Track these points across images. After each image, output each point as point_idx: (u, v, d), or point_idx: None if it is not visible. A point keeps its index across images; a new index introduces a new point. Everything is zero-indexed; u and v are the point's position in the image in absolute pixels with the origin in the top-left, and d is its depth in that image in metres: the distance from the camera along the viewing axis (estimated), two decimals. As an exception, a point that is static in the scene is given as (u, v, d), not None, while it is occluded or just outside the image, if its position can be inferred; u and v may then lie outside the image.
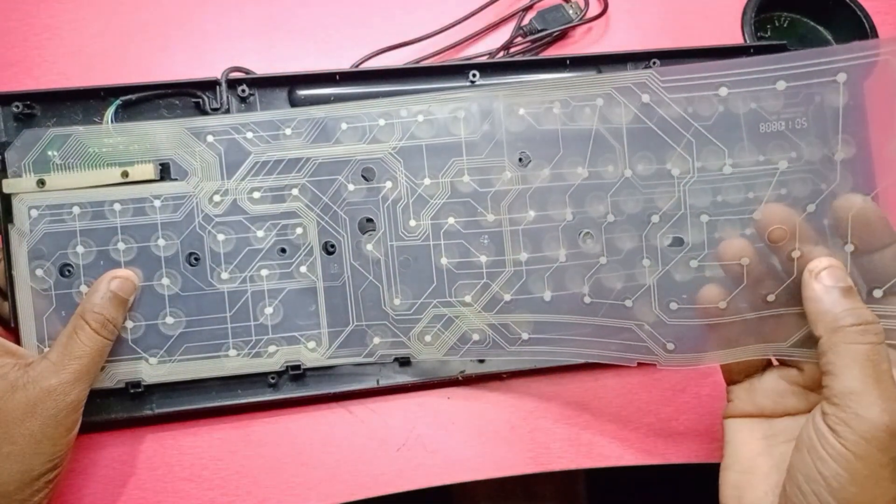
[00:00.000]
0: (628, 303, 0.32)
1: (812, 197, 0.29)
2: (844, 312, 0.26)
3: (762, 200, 0.30)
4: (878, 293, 0.28)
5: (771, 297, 0.29)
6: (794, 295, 0.29)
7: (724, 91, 0.29)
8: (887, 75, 0.27)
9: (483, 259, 0.34)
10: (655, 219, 0.31)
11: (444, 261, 0.34)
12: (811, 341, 0.29)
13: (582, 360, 0.34)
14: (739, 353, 0.30)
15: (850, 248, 0.28)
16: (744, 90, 0.29)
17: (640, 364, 0.37)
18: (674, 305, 0.31)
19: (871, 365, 0.25)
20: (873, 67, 0.27)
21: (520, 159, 0.34)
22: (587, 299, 0.33)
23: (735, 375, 0.32)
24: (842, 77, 0.28)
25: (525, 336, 0.34)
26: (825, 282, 0.27)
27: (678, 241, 0.31)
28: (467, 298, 0.34)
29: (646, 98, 0.31)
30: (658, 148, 0.31)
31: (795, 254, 0.29)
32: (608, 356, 0.33)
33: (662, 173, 0.31)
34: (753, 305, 0.30)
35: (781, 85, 0.28)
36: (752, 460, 0.30)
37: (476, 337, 0.34)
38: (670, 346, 0.32)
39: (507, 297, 0.34)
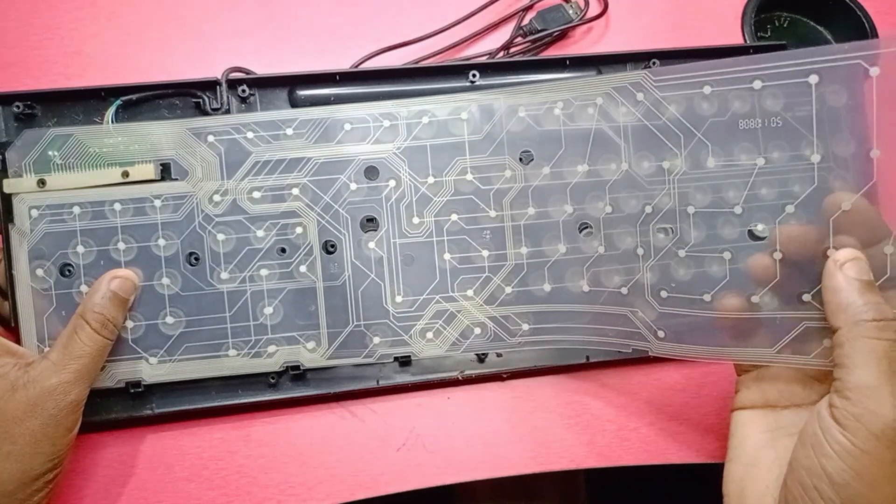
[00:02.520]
0: (624, 290, 0.33)
1: (790, 196, 0.29)
2: (866, 306, 0.26)
3: (743, 196, 0.30)
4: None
5: (755, 299, 0.30)
6: (779, 298, 0.29)
7: (707, 89, 0.30)
8: (868, 79, 0.27)
9: (485, 254, 0.35)
10: (648, 209, 0.32)
11: (446, 256, 0.35)
12: (801, 346, 0.29)
13: (580, 348, 0.35)
14: (724, 354, 0.30)
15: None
16: (725, 89, 0.30)
17: (638, 361, 0.38)
18: (664, 294, 0.32)
19: (888, 361, 0.25)
20: (847, 70, 0.27)
21: (521, 158, 0.35)
22: (586, 287, 0.34)
23: (744, 365, 0.32)
24: (814, 79, 0.28)
25: (526, 327, 0.35)
26: (849, 273, 0.26)
27: (668, 232, 0.32)
28: (469, 293, 0.35)
29: (640, 97, 0.32)
30: (653, 144, 0.32)
31: (777, 255, 0.29)
32: (605, 342, 0.33)
33: (656, 168, 0.32)
34: (738, 305, 0.30)
35: (758, 84, 0.29)
36: (756, 453, 0.29)
37: (478, 331, 0.35)
38: (661, 334, 0.32)
39: (509, 290, 0.35)
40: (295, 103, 0.37)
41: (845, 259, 0.27)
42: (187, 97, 0.36)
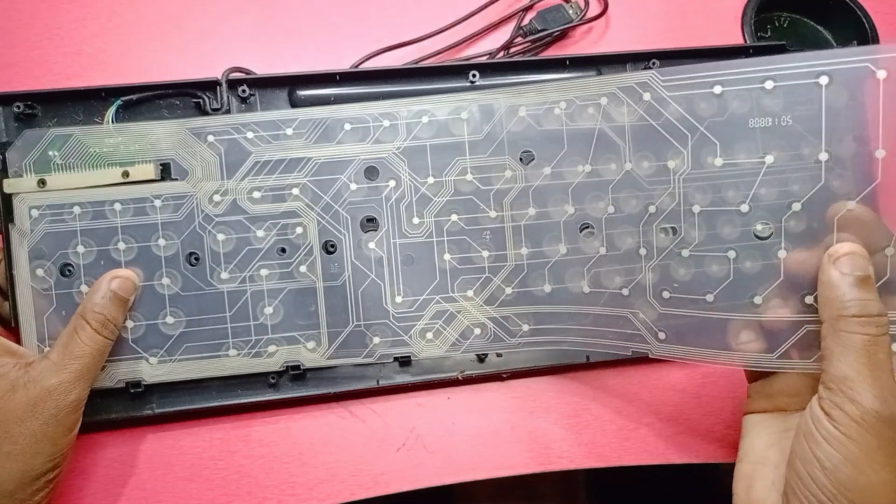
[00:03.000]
0: (625, 291, 0.33)
1: (797, 194, 0.29)
2: (851, 302, 0.26)
3: (750, 194, 0.30)
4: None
5: (758, 300, 0.30)
6: (782, 300, 0.29)
7: (718, 89, 0.30)
8: (875, 81, 0.28)
9: (485, 254, 0.35)
10: (652, 209, 0.32)
11: (446, 257, 0.35)
12: (802, 350, 0.29)
13: (580, 349, 0.35)
14: (724, 357, 0.31)
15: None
16: (736, 88, 0.30)
17: (638, 362, 0.38)
18: (666, 294, 0.32)
19: (867, 355, 0.25)
20: (856, 73, 0.28)
21: (521, 158, 0.35)
22: (586, 289, 0.34)
23: (756, 373, 0.32)
24: (824, 80, 0.28)
25: (526, 328, 0.35)
26: (842, 268, 0.27)
27: (671, 232, 0.32)
28: (469, 293, 0.35)
29: (647, 96, 0.32)
30: (657, 143, 0.32)
31: (781, 253, 0.29)
32: (605, 344, 0.34)
33: (660, 168, 0.32)
34: (741, 307, 0.30)
35: (769, 84, 0.29)
36: (764, 452, 0.30)
37: (477, 331, 0.35)
38: (662, 336, 0.32)
39: (509, 291, 0.35)
40: (295, 103, 0.37)
41: (839, 254, 0.27)
42: (187, 97, 0.36)
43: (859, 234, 0.28)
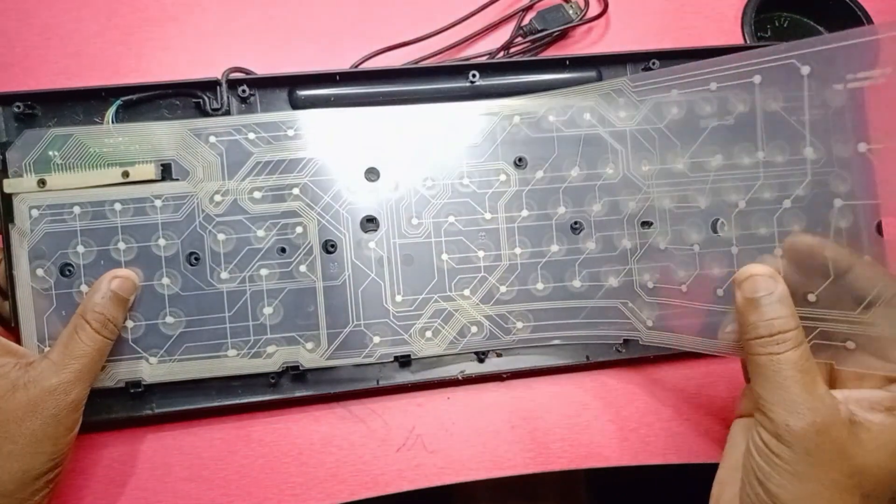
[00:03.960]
0: (615, 283, 0.35)
1: (741, 193, 0.30)
2: (750, 326, 0.27)
3: (705, 191, 0.31)
4: (811, 297, 0.29)
5: (720, 292, 0.31)
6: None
7: (674, 93, 0.32)
8: (799, 77, 0.28)
9: (481, 254, 0.35)
10: (636, 208, 0.34)
11: (444, 257, 0.35)
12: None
13: (575, 342, 0.36)
14: (705, 345, 0.31)
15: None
16: (688, 91, 0.32)
17: (638, 362, 0.38)
18: (650, 284, 0.34)
19: (772, 372, 0.27)
20: (785, 69, 0.28)
21: (515, 162, 0.36)
22: (578, 284, 0.35)
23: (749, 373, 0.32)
24: (757, 79, 0.29)
25: (521, 325, 0.36)
26: (745, 293, 0.28)
27: (650, 227, 0.34)
28: (466, 292, 0.35)
29: (622, 102, 0.34)
30: (636, 145, 0.34)
31: (734, 250, 0.30)
32: (598, 335, 0.35)
33: (637, 169, 0.34)
34: (708, 298, 0.32)
35: (713, 86, 0.30)
36: (739, 459, 0.30)
37: (474, 329, 0.35)
38: (649, 323, 0.34)
39: (504, 289, 0.36)
40: (295, 103, 0.37)
41: (742, 278, 0.28)
42: (187, 97, 0.36)
43: (808, 262, 0.28)
